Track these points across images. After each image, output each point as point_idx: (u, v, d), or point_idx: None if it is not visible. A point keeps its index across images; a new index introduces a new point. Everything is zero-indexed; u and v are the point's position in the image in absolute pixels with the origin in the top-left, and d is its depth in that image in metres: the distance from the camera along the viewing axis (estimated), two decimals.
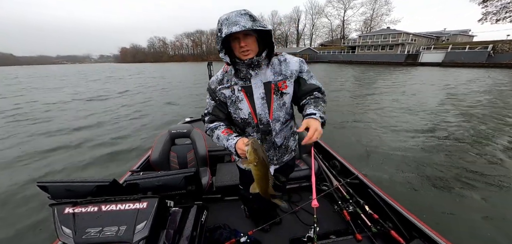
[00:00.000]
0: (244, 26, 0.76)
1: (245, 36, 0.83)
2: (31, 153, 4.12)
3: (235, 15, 0.79)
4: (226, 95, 0.98)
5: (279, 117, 1.00)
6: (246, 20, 0.78)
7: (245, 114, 0.98)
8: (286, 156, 1.15)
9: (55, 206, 0.87)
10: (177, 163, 2.03)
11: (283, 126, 1.04)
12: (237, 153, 0.89)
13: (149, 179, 1.00)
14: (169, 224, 1.01)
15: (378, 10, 56.70)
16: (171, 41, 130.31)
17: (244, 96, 0.95)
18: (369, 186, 1.66)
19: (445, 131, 4.78)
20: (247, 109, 0.96)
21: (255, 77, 0.93)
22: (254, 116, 0.97)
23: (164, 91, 11.83)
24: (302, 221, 1.69)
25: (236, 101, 0.97)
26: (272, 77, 0.94)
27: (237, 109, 0.98)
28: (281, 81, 0.95)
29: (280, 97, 0.96)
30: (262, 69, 0.93)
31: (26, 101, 9.53)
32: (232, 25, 0.77)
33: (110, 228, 0.84)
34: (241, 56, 0.87)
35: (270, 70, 0.95)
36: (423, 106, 7.18)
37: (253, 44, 0.86)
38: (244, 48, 0.84)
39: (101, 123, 6.07)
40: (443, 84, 12.32)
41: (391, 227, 1.34)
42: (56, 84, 16.48)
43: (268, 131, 1.01)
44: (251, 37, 0.85)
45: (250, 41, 0.85)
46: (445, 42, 37.60)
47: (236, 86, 0.95)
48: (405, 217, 1.34)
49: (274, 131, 1.01)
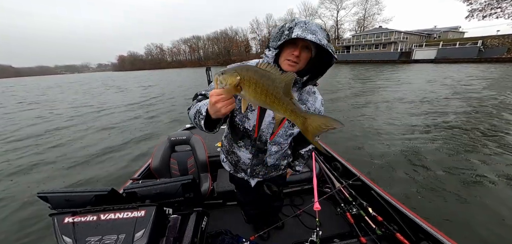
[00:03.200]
0: (319, 40, 0.69)
1: (303, 49, 0.77)
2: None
3: (315, 25, 0.73)
4: (239, 98, 0.91)
5: (279, 142, 0.97)
6: (323, 36, 0.72)
7: (250, 126, 0.92)
8: (274, 172, 1.13)
9: (55, 216, 0.87)
10: (178, 169, 2.02)
11: (279, 151, 1.01)
12: (208, 115, 0.69)
13: (147, 188, 1.00)
14: (169, 232, 1.00)
15: (369, 9, 57.74)
16: (168, 47, 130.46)
17: (258, 108, 0.89)
18: (372, 187, 1.64)
19: (450, 128, 4.75)
20: (253, 121, 0.91)
21: None
22: (256, 131, 0.92)
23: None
24: (305, 224, 1.68)
25: (248, 109, 0.91)
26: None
27: (244, 117, 0.92)
28: None
29: (290, 127, 0.92)
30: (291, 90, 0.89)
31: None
32: (308, 32, 0.70)
33: (109, 237, 0.83)
34: (284, 65, 0.79)
35: (296, 95, 0.89)
36: (425, 102, 7.20)
37: (304, 61, 0.79)
38: (294, 59, 0.77)
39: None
40: (442, 79, 12.44)
41: (396, 229, 1.31)
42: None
43: (262, 150, 0.98)
44: (307, 54, 0.78)
45: (304, 56, 0.78)
46: (437, 39, 38.39)
47: None
48: (410, 219, 1.30)
49: (268, 152, 0.99)
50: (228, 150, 1.10)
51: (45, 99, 14.36)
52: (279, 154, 1.03)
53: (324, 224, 1.53)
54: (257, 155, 1.00)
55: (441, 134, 4.46)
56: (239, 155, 1.04)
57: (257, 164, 1.05)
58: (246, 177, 1.14)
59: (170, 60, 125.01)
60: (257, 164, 1.05)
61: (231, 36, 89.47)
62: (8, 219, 2.64)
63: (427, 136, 4.42)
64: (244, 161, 1.04)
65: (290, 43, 0.77)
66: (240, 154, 1.03)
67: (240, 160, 1.06)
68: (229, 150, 1.09)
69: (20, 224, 2.54)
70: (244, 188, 1.29)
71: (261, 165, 1.05)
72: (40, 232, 2.36)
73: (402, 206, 1.40)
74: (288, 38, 0.72)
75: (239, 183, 1.25)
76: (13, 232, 2.43)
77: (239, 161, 1.07)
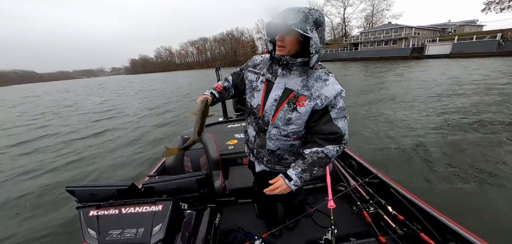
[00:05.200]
0: (279, 25, 0.76)
1: (287, 34, 0.80)
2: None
3: (288, 9, 0.76)
4: (249, 78, 1.03)
5: (278, 126, 0.95)
6: (293, 18, 0.73)
7: (255, 104, 1.00)
8: (279, 166, 1.10)
9: (81, 209, 0.91)
10: (191, 167, 2.06)
11: (280, 136, 0.98)
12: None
13: (164, 183, 1.03)
14: (184, 227, 1.02)
15: (378, 6, 56.08)
16: (176, 49, 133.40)
17: (263, 88, 0.96)
18: (391, 185, 1.55)
19: (474, 122, 4.49)
20: (258, 100, 0.98)
21: (281, 77, 0.91)
22: (260, 110, 0.98)
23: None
24: (318, 223, 1.64)
25: (255, 89, 0.99)
26: (298, 87, 0.87)
27: (251, 96, 1.01)
28: (302, 96, 0.86)
29: (290, 110, 0.89)
30: (293, 74, 0.88)
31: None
32: (276, 18, 0.79)
33: (129, 230, 0.87)
34: (277, 50, 0.86)
35: (300, 79, 0.87)
36: (444, 97, 6.91)
37: (291, 44, 0.81)
38: (279, 44, 0.83)
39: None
40: (458, 74, 11.87)
41: (420, 229, 1.24)
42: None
43: (264, 130, 1.01)
44: (292, 36, 0.80)
45: (289, 39, 0.81)
46: (452, 33, 36.65)
47: (262, 77, 0.97)
48: (436, 218, 1.22)
49: (268, 134, 0.99)
50: (245, 129, 1.18)
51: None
52: (281, 141, 0.99)
53: (338, 223, 1.48)
54: (260, 135, 1.04)
55: (468, 130, 4.20)
56: (249, 132, 1.12)
57: (260, 146, 1.06)
58: (252, 159, 1.19)
59: (178, 62, 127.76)
60: (261, 146, 1.06)
61: (237, 37, 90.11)
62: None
63: (451, 132, 4.15)
64: (251, 139, 1.11)
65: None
66: (249, 131, 1.11)
67: (249, 138, 1.13)
68: (245, 130, 1.18)
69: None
70: (259, 178, 1.32)
71: (264, 149, 1.05)
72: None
73: (426, 205, 1.31)
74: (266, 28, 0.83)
75: (252, 169, 1.28)
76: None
77: (248, 140, 1.15)
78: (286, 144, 1.00)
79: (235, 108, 3.78)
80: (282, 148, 1.01)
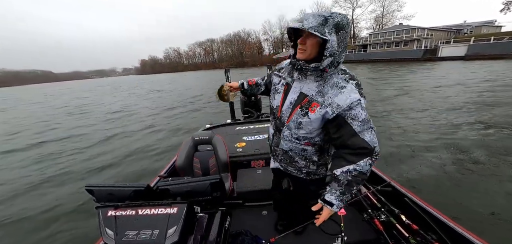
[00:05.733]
0: (303, 26, 0.75)
1: (308, 36, 0.80)
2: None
3: (309, 14, 0.77)
4: (274, 81, 1.12)
5: (291, 128, 1.00)
6: (313, 21, 0.74)
7: (275, 105, 1.07)
8: (291, 168, 1.16)
9: (100, 208, 0.95)
10: (200, 168, 2.08)
11: (292, 138, 1.02)
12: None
13: (178, 185, 1.05)
14: (196, 229, 1.04)
15: (388, 7, 54.59)
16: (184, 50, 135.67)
17: (283, 91, 1.02)
18: (405, 194, 1.52)
19: (494, 128, 4.30)
20: (278, 102, 1.05)
21: (298, 82, 0.94)
22: (279, 110, 1.04)
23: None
24: (327, 229, 1.62)
25: (276, 91, 1.07)
26: (312, 92, 0.88)
27: (273, 98, 1.09)
28: (315, 102, 0.86)
29: (302, 115, 0.91)
30: (308, 79, 0.89)
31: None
32: (297, 21, 0.80)
33: (145, 232, 0.89)
34: (297, 53, 0.88)
35: (317, 84, 0.87)
36: (461, 101, 6.64)
37: (311, 47, 0.81)
38: (301, 47, 0.84)
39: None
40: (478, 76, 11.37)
41: (435, 239, 1.21)
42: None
43: (280, 130, 1.08)
44: (313, 39, 0.80)
45: (310, 43, 0.81)
46: (468, 34, 35.12)
47: (283, 80, 1.04)
48: (453, 230, 1.17)
49: (282, 134, 1.06)
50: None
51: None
52: (293, 144, 1.04)
53: (348, 230, 1.46)
54: (276, 134, 1.12)
55: (487, 136, 4.02)
56: (269, 130, 1.22)
57: (276, 144, 1.14)
58: (270, 155, 1.29)
59: (186, 63, 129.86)
60: (276, 144, 1.14)
61: (243, 38, 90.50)
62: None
63: (474, 134, 3.99)
64: (270, 136, 1.21)
65: (299, 36, 0.86)
66: (270, 129, 1.21)
67: (269, 136, 1.23)
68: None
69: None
70: (276, 176, 1.43)
71: (279, 148, 1.13)
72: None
73: (443, 215, 1.27)
74: (287, 29, 0.89)
75: (273, 169, 1.37)
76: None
77: (269, 137, 1.24)
78: (297, 147, 1.03)
79: (243, 110, 3.80)
80: (293, 150, 1.06)
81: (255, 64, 64.67)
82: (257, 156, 2.19)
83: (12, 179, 3.92)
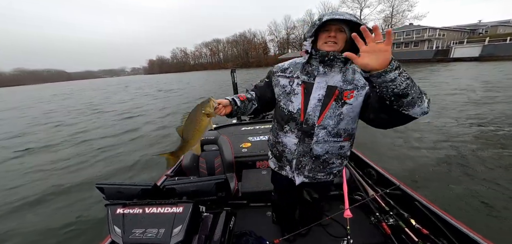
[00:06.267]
0: (345, 16, 0.78)
1: (338, 31, 0.83)
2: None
3: (342, 11, 0.81)
4: (281, 84, 0.99)
5: (328, 126, 0.92)
6: (350, 15, 0.80)
7: (294, 109, 0.95)
8: (322, 174, 1.05)
9: (109, 206, 0.97)
10: (206, 168, 2.10)
11: (329, 137, 0.94)
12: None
13: (184, 184, 1.07)
14: (201, 229, 1.05)
15: (398, 6, 53.19)
16: (191, 51, 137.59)
17: (301, 91, 0.93)
18: (415, 198, 1.47)
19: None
20: (298, 104, 0.94)
21: (322, 76, 0.90)
22: (302, 114, 0.94)
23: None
24: (333, 232, 1.60)
25: (291, 93, 0.96)
26: (340, 83, 0.88)
27: (288, 101, 0.97)
28: (348, 90, 0.87)
29: (339, 106, 0.89)
30: (334, 71, 0.89)
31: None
32: (336, 15, 0.79)
33: (151, 230, 0.90)
34: (324, 47, 0.85)
35: (340, 76, 0.89)
36: (478, 104, 6.36)
37: (341, 40, 0.84)
38: (332, 39, 0.83)
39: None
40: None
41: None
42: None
43: (309, 134, 0.95)
44: (343, 35, 0.84)
45: (340, 37, 0.84)
46: (483, 34, 33.75)
47: (297, 80, 0.95)
48: (466, 235, 1.13)
49: (316, 137, 0.94)
50: (273, 142, 1.12)
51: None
52: (330, 144, 0.95)
53: (355, 233, 1.44)
54: (303, 140, 0.97)
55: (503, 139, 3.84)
56: (285, 142, 1.03)
57: (303, 154, 0.99)
58: (290, 174, 1.09)
59: (193, 63, 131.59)
60: (303, 154, 0.99)
61: (249, 39, 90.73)
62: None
63: (484, 141, 3.82)
64: (290, 148, 1.02)
65: (324, 31, 0.85)
66: (286, 140, 1.02)
67: (285, 149, 1.04)
68: (274, 142, 1.11)
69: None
70: (284, 190, 1.26)
71: (308, 156, 0.99)
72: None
73: (456, 220, 1.23)
74: (320, 23, 0.82)
75: (281, 183, 1.20)
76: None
77: (284, 151, 1.05)
78: (335, 146, 0.96)
79: None
80: (330, 151, 0.97)
81: (260, 65, 64.56)
82: (262, 156, 2.18)
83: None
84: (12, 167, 4.52)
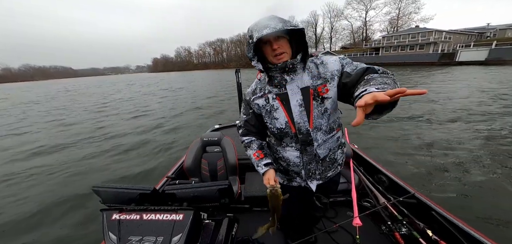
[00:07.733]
0: (274, 28, 0.74)
1: (277, 39, 0.80)
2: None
3: (264, 19, 0.78)
4: (260, 105, 0.95)
5: (321, 126, 0.90)
6: (276, 23, 0.76)
7: (282, 124, 0.91)
8: (331, 171, 1.03)
9: (104, 211, 0.92)
10: (208, 170, 2.04)
11: (327, 136, 0.93)
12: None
13: (185, 190, 1.01)
14: (202, 237, 0.98)
15: (404, 9, 52.64)
16: (195, 50, 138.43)
17: (279, 104, 0.90)
18: (432, 207, 1.38)
19: None
20: (283, 118, 0.90)
21: (291, 82, 0.86)
22: (291, 125, 0.90)
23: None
24: (339, 241, 1.52)
25: (272, 111, 0.92)
26: (309, 82, 0.87)
27: (272, 119, 0.93)
28: (320, 85, 0.86)
29: (320, 103, 0.87)
30: (298, 74, 0.86)
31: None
32: (262, 28, 0.75)
33: (148, 238, 0.84)
34: (275, 60, 0.82)
35: (307, 75, 0.87)
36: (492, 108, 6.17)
37: (285, 46, 0.82)
38: (277, 51, 0.80)
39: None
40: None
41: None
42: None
43: (308, 142, 0.91)
44: (283, 39, 0.81)
45: (282, 43, 0.81)
46: (490, 38, 33.17)
47: (270, 95, 0.91)
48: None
49: (316, 142, 0.92)
50: (275, 158, 1.06)
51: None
52: (330, 142, 0.94)
53: (363, 242, 1.36)
54: (305, 150, 0.94)
55: None
56: (287, 156, 1.00)
57: (309, 162, 0.96)
58: (303, 182, 1.05)
59: (196, 62, 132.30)
60: (309, 162, 0.96)
61: None
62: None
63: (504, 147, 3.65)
64: (294, 161, 0.99)
65: (264, 44, 0.82)
66: (287, 155, 0.99)
67: (290, 163, 1.00)
68: (276, 158, 1.05)
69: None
70: (296, 200, 1.16)
71: (314, 162, 0.96)
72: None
73: (478, 232, 1.13)
74: (254, 43, 0.78)
75: (292, 194, 1.12)
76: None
77: (289, 165, 1.01)
78: (333, 140, 0.96)
79: None
80: (332, 148, 0.97)
81: None
82: None
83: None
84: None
